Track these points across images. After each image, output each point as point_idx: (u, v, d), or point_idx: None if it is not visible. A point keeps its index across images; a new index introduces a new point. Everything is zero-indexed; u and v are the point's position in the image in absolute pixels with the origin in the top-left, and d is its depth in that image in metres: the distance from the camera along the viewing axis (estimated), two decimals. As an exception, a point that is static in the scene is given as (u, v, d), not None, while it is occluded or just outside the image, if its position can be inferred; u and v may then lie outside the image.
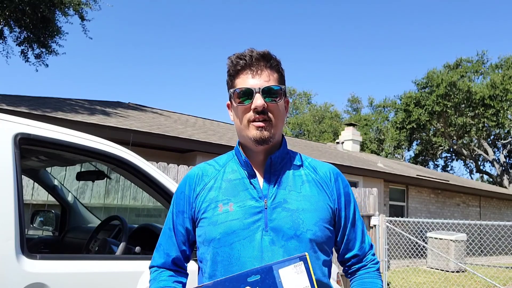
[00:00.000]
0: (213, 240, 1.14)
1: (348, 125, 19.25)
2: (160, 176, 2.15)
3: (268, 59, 1.19)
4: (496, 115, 23.79)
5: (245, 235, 1.12)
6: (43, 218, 3.48)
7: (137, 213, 6.91)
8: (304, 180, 1.22)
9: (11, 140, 1.69)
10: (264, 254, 1.11)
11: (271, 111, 1.17)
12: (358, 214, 1.30)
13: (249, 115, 1.16)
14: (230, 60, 1.21)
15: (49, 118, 6.23)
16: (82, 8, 10.97)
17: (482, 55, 28.05)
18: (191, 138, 8.15)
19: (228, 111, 1.28)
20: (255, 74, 1.17)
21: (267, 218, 1.14)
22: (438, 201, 14.20)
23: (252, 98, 1.15)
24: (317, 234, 1.15)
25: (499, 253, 14.99)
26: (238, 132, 1.23)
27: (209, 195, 1.20)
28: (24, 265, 1.57)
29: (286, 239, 1.12)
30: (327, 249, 1.21)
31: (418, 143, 30.61)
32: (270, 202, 1.16)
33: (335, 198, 1.23)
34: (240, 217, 1.14)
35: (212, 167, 1.27)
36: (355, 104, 39.30)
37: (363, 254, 1.28)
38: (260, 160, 1.23)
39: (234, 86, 1.20)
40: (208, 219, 1.16)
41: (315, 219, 1.16)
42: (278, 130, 1.20)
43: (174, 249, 1.26)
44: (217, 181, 1.22)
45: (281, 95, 1.19)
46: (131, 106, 11.90)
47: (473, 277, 9.25)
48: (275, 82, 1.19)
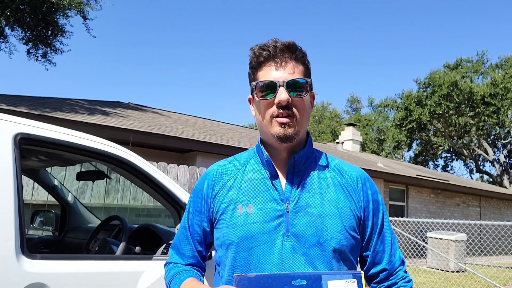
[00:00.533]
0: (231, 244, 1.07)
1: (348, 125, 19.25)
2: (160, 176, 2.15)
3: (293, 50, 1.10)
4: (497, 113, 23.80)
5: (265, 240, 1.05)
6: (43, 218, 3.48)
7: (137, 213, 6.91)
8: (329, 183, 1.13)
9: (11, 140, 1.69)
10: (285, 261, 1.03)
11: (296, 106, 1.08)
12: (388, 224, 1.19)
13: (272, 110, 1.08)
14: (252, 51, 1.12)
15: (49, 118, 6.23)
16: (83, 8, 10.98)
17: (482, 55, 28.07)
18: (191, 138, 8.15)
19: (250, 105, 1.20)
20: (279, 66, 1.08)
21: (289, 223, 1.06)
22: (438, 201, 14.20)
23: (276, 92, 1.06)
24: (342, 243, 1.06)
25: (499, 253, 14.99)
26: (260, 129, 1.15)
27: (228, 195, 1.13)
28: (24, 265, 1.57)
29: (308, 246, 1.04)
30: (352, 260, 1.11)
31: (418, 143, 30.61)
32: (293, 206, 1.08)
33: (362, 205, 1.14)
34: (260, 221, 1.06)
35: (232, 166, 1.20)
36: (355, 104, 39.31)
37: (393, 269, 1.16)
38: (283, 159, 1.14)
39: (256, 79, 1.11)
40: (227, 221, 1.10)
41: (340, 226, 1.07)
42: (303, 127, 1.12)
43: (190, 249, 1.21)
44: (237, 181, 1.15)
45: (307, 89, 1.10)
46: (131, 106, 11.90)
47: (473, 277, 9.25)
48: (300, 74, 1.10)
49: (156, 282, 1.86)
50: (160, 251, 2.16)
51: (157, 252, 2.16)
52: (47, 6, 10.02)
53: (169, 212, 2.23)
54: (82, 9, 10.96)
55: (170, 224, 2.64)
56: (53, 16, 10.60)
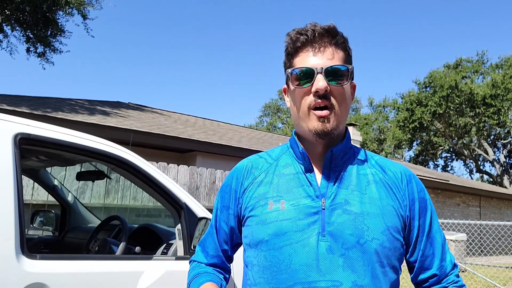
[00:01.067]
0: (260, 242, 0.99)
1: (348, 125, 19.25)
2: (160, 176, 2.15)
3: (333, 35, 1.01)
4: (497, 113, 23.82)
5: (297, 238, 0.96)
6: (43, 218, 3.48)
7: (137, 213, 6.91)
8: (370, 180, 1.04)
9: (11, 140, 1.69)
10: (321, 263, 0.94)
11: (335, 96, 0.99)
12: (437, 225, 1.08)
13: (309, 101, 0.98)
14: (289, 36, 1.03)
15: (49, 118, 6.23)
16: (85, 8, 10.99)
17: (482, 55, 28.09)
18: (191, 138, 8.15)
19: (285, 96, 1.11)
20: (317, 51, 1.00)
21: (325, 221, 0.97)
22: (438, 201, 14.20)
23: (313, 80, 0.97)
24: (385, 244, 0.96)
25: (499, 253, 14.99)
26: (295, 121, 1.05)
27: (258, 191, 1.05)
28: (24, 265, 1.57)
29: (347, 247, 0.95)
30: (396, 265, 1.00)
31: (418, 143, 30.63)
32: (329, 203, 0.99)
33: (407, 204, 1.03)
34: (292, 217, 0.98)
35: (263, 160, 1.12)
36: (354, 104, 39.31)
37: (444, 274, 1.06)
38: (319, 153, 1.05)
39: (292, 66, 1.02)
40: (256, 217, 1.02)
41: (383, 226, 0.97)
42: (343, 120, 1.02)
43: (214, 248, 1.15)
44: (268, 175, 1.07)
45: (347, 77, 1.00)
46: (131, 106, 11.90)
47: (473, 277, 9.25)
48: (340, 61, 1.01)
49: (156, 282, 1.86)
50: (160, 251, 2.16)
51: (157, 252, 2.17)
52: (47, 5, 10.04)
53: (169, 212, 2.23)
54: (84, 9, 10.97)
55: (170, 224, 2.65)
56: (53, 14, 10.61)
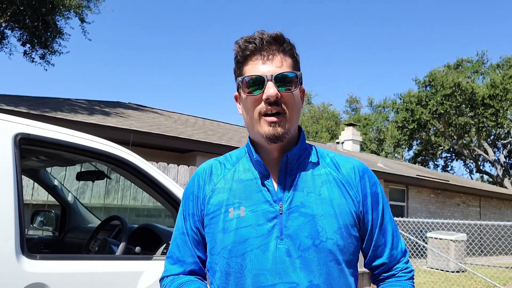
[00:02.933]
0: (223, 249, 1.02)
1: (348, 125, 19.25)
2: (160, 176, 2.15)
3: (281, 42, 1.04)
4: (496, 114, 23.81)
5: (258, 243, 1.00)
6: (43, 218, 3.48)
7: (137, 213, 6.91)
8: (324, 180, 1.07)
9: (11, 140, 1.69)
10: (279, 266, 0.98)
11: (285, 102, 1.02)
12: (389, 216, 1.13)
13: (260, 107, 1.01)
14: (237, 44, 1.05)
15: (49, 118, 6.23)
16: (83, 11, 11.02)
17: (482, 55, 28.09)
18: (191, 138, 8.15)
19: (236, 103, 1.13)
20: (266, 59, 1.02)
21: (283, 225, 1.00)
22: (438, 201, 14.20)
23: (264, 87, 1.00)
24: (339, 243, 1.01)
25: (499, 253, 14.99)
26: (248, 128, 1.09)
27: (219, 198, 1.07)
28: (24, 265, 1.57)
29: (303, 249, 0.99)
30: (353, 260, 1.06)
31: (418, 143, 30.61)
32: (286, 206, 1.02)
33: (360, 200, 1.07)
34: (252, 224, 1.01)
35: (222, 165, 1.14)
36: (354, 105, 39.30)
37: (393, 262, 1.12)
38: (275, 157, 1.08)
39: (242, 74, 1.05)
40: (218, 225, 1.04)
41: (336, 226, 1.02)
42: (294, 124, 1.05)
43: (191, 254, 1.13)
44: (228, 182, 1.09)
45: (296, 83, 1.04)
46: (131, 106, 11.90)
47: (473, 277, 9.25)
48: (289, 68, 1.04)
49: (156, 282, 1.86)
50: (160, 251, 2.16)
51: (157, 252, 2.17)
52: (47, 8, 10.05)
53: (169, 212, 2.24)
54: (82, 12, 10.99)
55: (170, 224, 2.64)
56: (52, 17, 10.62)
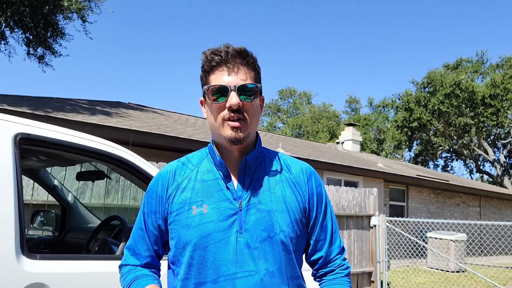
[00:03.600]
0: (187, 243, 1.11)
1: (348, 125, 19.24)
2: (160, 176, 2.15)
3: (244, 56, 1.15)
4: (496, 114, 23.80)
5: (220, 237, 1.10)
6: (43, 218, 3.48)
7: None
8: (277, 180, 1.20)
9: (11, 140, 1.69)
10: (238, 257, 1.09)
11: (247, 110, 1.14)
12: (330, 215, 1.27)
13: (224, 114, 1.13)
14: (205, 55, 1.16)
15: (49, 118, 6.23)
16: (84, 11, 11.00)
17: (482, 55, 28.07)
18: (191, 138, 8.15)
19: (201, 107, 1.25)
20: (231, 71, 1.13)
21: (242, 220, 1.12)
22: (438, 201, 14.20)
23: (227, 96, 1.11)
24: (290, 235, 1.14)
25: (499, 253, 14.99)
26: (212, 130, 1.20)
27: (182, 196, 1.17)
28: (24, 265, 1.57)
29: (260, 241, 1.11)
30: (300, 251, 1.20)
31: (418, 143, 30.60)
32: (245, 204, 1.14)
33: (307, 199, 1.22)
34: (214, 219, 1.12)
35: (185, 167, 1.23)
36: (354, 105, 39.28)
37: (331, 257, 1.25)
38: (235, 159, 1.20)
39: (208, 82, 1.16)
40: (182, 221, 1.13)
41: (288, 220, 1.15)
42: (253, 130, 1.18)
43: (147, 249, 1.23)
44: (191, 182, 1.19)
45: (256, 93, 1.16)
46: (131, 106, 11.90)
47: (473, 277, 9.25)
48: (251, 80, 1.15)
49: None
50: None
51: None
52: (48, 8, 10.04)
53: (169, 212, 2.23)
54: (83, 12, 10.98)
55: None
56: (54, 17, 10.61)
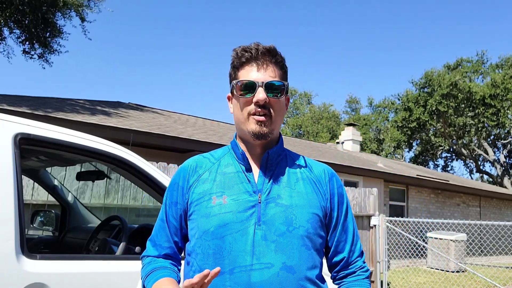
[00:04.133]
0: (205, 232, 1.13)
1: (348, 125, 19.24)
2: (160, 176, 2.15)
3: (273, 54, 1.19)
4: (497, 114, 23.79)
5: (237, 228, 1.11)
6: (43, 218, 3.48)
7: (137, 213, 6.90)
8: (298, 178, 1.22)
9: (11, 140, 1.69)
10: (256, 249, 1.10)
11: (272, 106, 1.17)
12: (351, 216, 1.28)
13: (250, 108, 1.16)
14: (235, 52, 1.20)
15: (49, 118, 6.23)
16: (83, 10, 11.00)
17: (482, 55, 28.06)
18: (191, 138, 8.15)
19: (228, 103, 1.28)
20: (259, 67, 1.17)
21: (260, 213, 1.13)
22: (438, 201, 14.20)
23: (255, 92, 1.15)
24: (310, 231, 1.15)
25: (499, 253, 14.99)
26: (237, 125, 1.22)
27: (203, 187, 1.19)
28: (24, 265, 1.57)
29: (278, 234, 1.12)
30: (320, 248, 1.20)
31: (418, 143, 30.60)
32: (264, 197, 1.15)
33: (328, 197, 1.23)
34: (233, 210, 1.13)
35: (207, 160, 1.26)
36: (354, 105, 39.27)
37: (352, 258, 1.25)
38: (257, 154, 1.22)
39: (237, 77, 1.20)
40: (201, 211, 1.16)
41: (308, 216, 1.16)
42: (277, 126, 1.20)
43: (167, 240, 1.25)
44: (212, 174, 1.21)
45: (283, 91, 1.19)
46: (131, 106, 11.90)
47: (473, 277, 9.25)
48: (278, 77, 1.19)
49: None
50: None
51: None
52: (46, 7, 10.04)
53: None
54: (82, 11, 10.97)
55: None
56: (52, 16, 10.61)
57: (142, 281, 1.23)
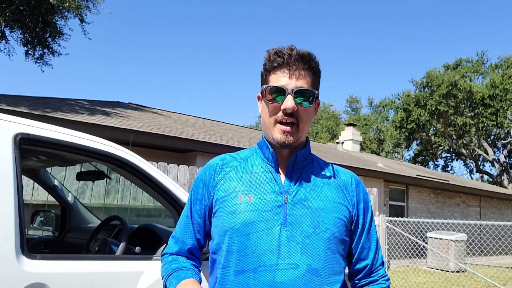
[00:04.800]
0: (230, 229, 1.12)
1: (348, 125, 19.24)
2: (160, 176, 2.15)
3: (306, 61, 1.16)
4: (496, 114, 23.79)
5: (263, 227, 1.10)
6: (43, 218, 3.48)
7: (137, 213, 6.90)
8: (325, 182, 1.22)
9: (11, 140, 1.69)
10: (281, 249, 1.09)
11: (300, 114, 1.15)
12: (374, 224, 1.29)
13: (278, 115, 1.15)
14: (268, 54, 1.18)
15: (49, 118, 6.23)
16: (82, 12, 11.00)
17: (482, 55, 28.05)
18: (191, 138, 8.15)
19: (258, 102, 1.27)
20: (291, 74, 1.14)
21: (287, 213, 1.13)
22: (438, 201, 14.20)
23: (284, 99, 1.13)
24: (336, 234, 1.14)
25: (499, 253, 14.99)
26: (264, 128, 1.22)
27: (229, 185, 1.19)
28: (24, 265, 1.57)
29: (304, 236, 1.11)
30: (344, 254, 1.19)
31: (418, 143, 30.59)
32: (291, 198, 1.15)
33: (355, 203, 1.23)
34: (259, 209, 1.12)
35: (233, 159, 1.26)
36: (354, 104, 39.26)
37: (376, 266, 1.25)
38: (284, 156, 1.22)
39: (267, 81, 1.18)
40: (227, 208, 1.15)
41: (334, 220, 1.15)
42: (304, 134, 1.20)
43: (190, 236, 1.25)
44: (238, 172, 1.21)
45: (313, 99, 1.17)
46: (131, 106, 11.89)
47: (473, 277, 9.25)
48: (309, 85, 1.16)
49: (156, 282, 1.85)
50: (160, 251, 2.16)
51: (157, 252, 2.16)
52: (46, 7, 10.03)
53: (169, 212, 2.23)
54: (81, 12, 10.97)
55: (170, 224, 2.64)
56: (52, 17, 10.61)
57: (164, 281, 1.22)
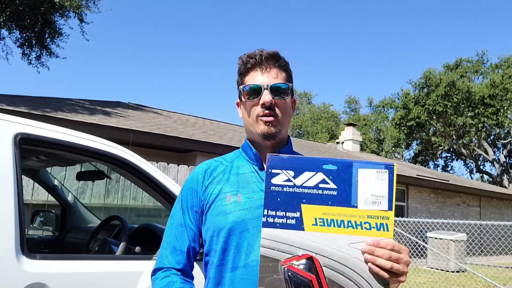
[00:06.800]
0: (222, 229, 1.16)
1: (348, 125, 19.25)
2: (160, 176, 2.15)
3: (277, 59, 1.25)
4: (496, 114, 23.79)
5: (254, 224, 1.15)
6: (43, 218, 3.48)
7: (137, 213, 6.91)
8: None
9: (11, 140, 1.69)
10: None
11: (279, 107, 1.22)
12: None
13: (258, 111, 1.21)
14: (241, 59, 1.27)
15: (49, 118, 6.23)
16: (82, 11, 10.98)
17: (482, 55, 28.06)
18: (191, 138, 8.15)
19: (238, 109, 1.34)
20: (264, 72, 1.23)
21: None
22: (438, 201, 14.20)
23: (261, 95, 1.20)
24: None
25: (499, 253, 14.99)
26: (247, 128, 1.28)
27: (218, 187, 1.23)
28: (24, 265, 1.57)
29: None
30: None
31: (418, 143, 30.59)
32: None
33: None
34: (249, 207, 1.17)
35: (219, 163, 1.31)
36: (353, 105, 39.26)
37: None
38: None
39: (244, 83, 1.26)
40: (217, 209, 1.19)
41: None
42: (285, 127, 1.25)
43: (187, 245, 1.25)
44: (225, 175, 1.26)
45: (288, 92, 1.24)
46: (131, 106, 11.90)
47: (473, 277, 9.25)
48: (283, 80, 1.24)
49: (156, 282, 1.85)
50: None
51: (157, 252, 2.17)
52: (46, 7, 10.03)
53: (169, 212, 2.23)
54: (81, 12, 10.95)
55: (170, 224, 2.63)
56: (51, 16, 10.59)
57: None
